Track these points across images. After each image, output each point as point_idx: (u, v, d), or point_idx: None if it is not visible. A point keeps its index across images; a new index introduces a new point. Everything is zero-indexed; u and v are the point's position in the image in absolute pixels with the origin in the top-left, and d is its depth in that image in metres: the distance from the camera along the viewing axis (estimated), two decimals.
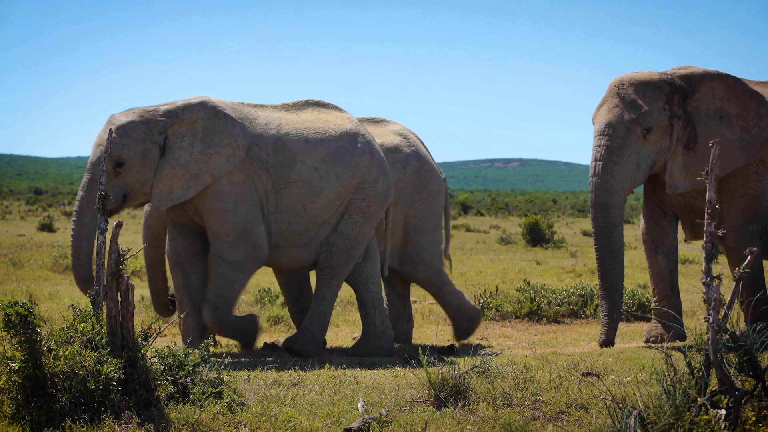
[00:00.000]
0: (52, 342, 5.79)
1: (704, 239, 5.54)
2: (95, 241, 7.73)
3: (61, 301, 11.84)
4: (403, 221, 10.15)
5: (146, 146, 8.81)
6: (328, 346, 9.92)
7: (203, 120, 8.95)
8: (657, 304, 10.43)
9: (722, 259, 11.99)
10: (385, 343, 9.34)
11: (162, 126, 8.87)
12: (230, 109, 9.08)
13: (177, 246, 9.11)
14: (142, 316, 10.52)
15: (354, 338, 10.51)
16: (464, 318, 10.32)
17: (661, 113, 9.99)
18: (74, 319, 6.04)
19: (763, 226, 10.31)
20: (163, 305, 10.05)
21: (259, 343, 9.92)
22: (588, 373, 7.46)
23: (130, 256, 6.00)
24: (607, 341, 9.60)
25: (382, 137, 10.29)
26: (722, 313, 5.43)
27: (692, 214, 10.48)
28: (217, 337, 9.93)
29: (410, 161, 10.23)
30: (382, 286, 10.17)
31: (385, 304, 9.80)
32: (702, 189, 9.95)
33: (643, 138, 9.91)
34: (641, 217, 10.95)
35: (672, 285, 10.47)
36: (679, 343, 9.31)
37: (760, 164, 10.27)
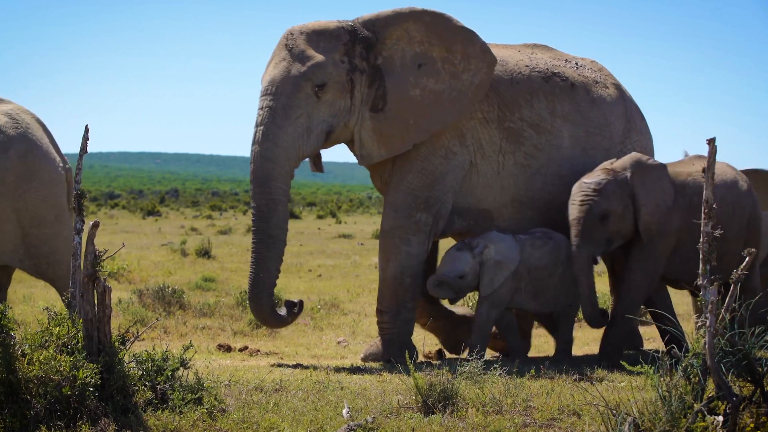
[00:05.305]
0: (27, 346, 5.63)
1: (701, 239, 5.40)
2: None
3: (35, 304, 11.66)
4: (15, 215, 8.61)
5: None
6: (312, 351, 9.78)
7: None
8: (422, 320, 9.24)
9: None
10: None
11: None
12: None
13: None
14: (120, 319, 10.34)
15: (339, 342, 10.36)
16: None
17: (338, 66, 8.44)
18: (49, 323, 5.88)
19: (436, 220, 8.78)
20: None
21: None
22: (581, 379, 7.34)
23: (107, 257, 5.84)
24: None
25: None
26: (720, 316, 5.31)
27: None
28: (195, 342, 9.75)
29: (14, 145, 8.59)
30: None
31: None
32: (397, 160, 8.76)
33: (316, 97, 8.39)
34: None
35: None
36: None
37: (457, 140, 8.80)
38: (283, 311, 8.66)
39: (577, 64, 9.53)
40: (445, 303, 9.47)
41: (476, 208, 8.98)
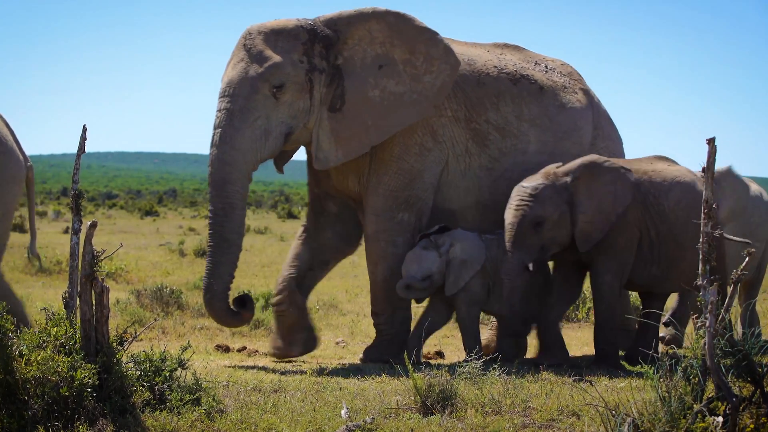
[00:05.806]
0: (24, 347, 5.60)
1: (701, 239, 5.38)
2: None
3: (33, 305, 11.58)
4: None
5: None
6: (310, 351, 9.74)
7: None
8: (277, 298, 9.06)
9: None
10: None
11: None
12: None
13: None
14: (118, 319, 10.31)
15: (337, 342, 10.34)
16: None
17: (297, 66, 8.30)
18: (47, 323, 5.85)
19: (418, 218, 8.69)
20: None
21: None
22: (580, 379, 7.32)
23: (105, 258, 5.82)
24: None
25: None
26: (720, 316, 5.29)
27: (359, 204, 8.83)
28: (193, 342, 9.74)
29: None
30: None
31: None
32: (352, 165, 8.65)
33: (274, 98, 8.26)
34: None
35: (302, 279, 9.09)
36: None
37: (430, 136, 8.67)
38: (236, 310, 8.58)
39: (546, 66, 9.42)
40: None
41: (441, 207, 8.87)
